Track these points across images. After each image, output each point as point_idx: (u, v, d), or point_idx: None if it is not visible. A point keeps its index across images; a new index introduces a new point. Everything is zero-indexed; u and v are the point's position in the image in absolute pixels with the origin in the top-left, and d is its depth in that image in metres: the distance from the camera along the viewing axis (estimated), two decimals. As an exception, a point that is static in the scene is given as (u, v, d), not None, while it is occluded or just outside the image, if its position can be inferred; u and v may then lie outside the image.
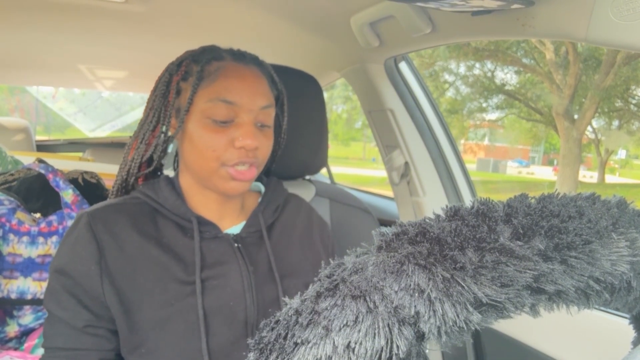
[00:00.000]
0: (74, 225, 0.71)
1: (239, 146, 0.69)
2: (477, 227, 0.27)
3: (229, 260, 0.72)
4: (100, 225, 0.69)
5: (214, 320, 0.68)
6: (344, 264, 0.26)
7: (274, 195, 0.84)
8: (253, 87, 0.71)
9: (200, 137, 0.69)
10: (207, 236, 0.73)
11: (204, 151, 0.69)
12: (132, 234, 0.70)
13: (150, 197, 0.74)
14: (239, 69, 0.72)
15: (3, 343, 1.06)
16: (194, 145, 0.70)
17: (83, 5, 1.19)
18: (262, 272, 0.74)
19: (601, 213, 0.29)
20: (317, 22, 1.18)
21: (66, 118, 3.40)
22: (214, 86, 0.69)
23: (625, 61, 4.35)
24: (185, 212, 0.73)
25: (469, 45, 5.06)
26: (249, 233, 0.77)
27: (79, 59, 1.85)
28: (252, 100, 0.70)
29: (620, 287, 0.30)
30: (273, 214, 0.81)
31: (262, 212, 0.80)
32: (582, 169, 5.87)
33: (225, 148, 0.69)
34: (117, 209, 0.72)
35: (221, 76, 0.70)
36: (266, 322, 0.25)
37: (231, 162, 0.70)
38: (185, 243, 0.71)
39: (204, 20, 1.33)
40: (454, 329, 0.24)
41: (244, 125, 0.70)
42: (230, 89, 0.69)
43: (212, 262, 0.71)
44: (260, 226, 0.78)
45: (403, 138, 1.30)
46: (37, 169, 1.15)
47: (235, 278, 0.71)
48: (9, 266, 1.05)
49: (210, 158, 0.69)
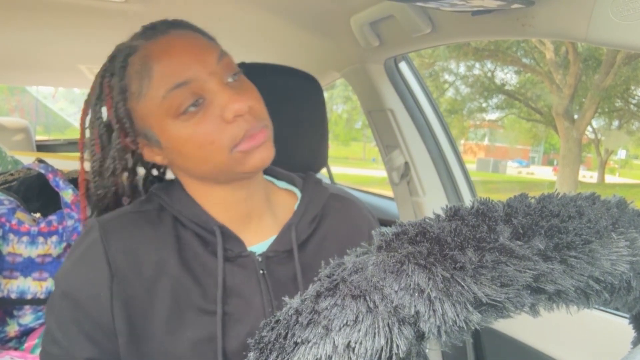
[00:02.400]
0: (84, 237, 0.61)
1: (231, 117, 0.55)
2: (477, 227, 0.27)
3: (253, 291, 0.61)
4: (114, 241, 0.59)
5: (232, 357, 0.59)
6: (344, 264, 0.26)
7: (312, 202, 0.69)
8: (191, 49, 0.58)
9: (188, 140, 0.57)
10: (230, 255, 0.61)
11: (203, 151, 0.57)
12: (151, 250, 0.60)
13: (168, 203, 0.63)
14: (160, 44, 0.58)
15: (3, 343, 1.06)
16: (189, 153, 0.58)
17: (83, 5, 1.19)
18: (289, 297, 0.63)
19: (601, 213, 0.29)
20: (317, 22, 1.18)
21: (66, 118, 3.40)
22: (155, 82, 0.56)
23: (625, 61, 4.35)
24: (207, 220, 0.61)
25: (469, 45, 5.06)
26: (277, 252, 0.64)
27: (79, 59, 1.85)
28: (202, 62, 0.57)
29: (620, 286, 0.30)
30: (310, 226, 0.67)
31: (297, 224, 0.66)
32: (582, 169, 5.87)
33: (220, 130, 0.56)
34: (134, 219, 0.61)
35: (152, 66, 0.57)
36: (266, 321, 0.25)
37: (238, 137, 0.56)
38: (206, 261, 0.61)
39: (204, 20, 1.32)
40: (453, 329, 0.24)
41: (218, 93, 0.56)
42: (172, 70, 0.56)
43: (233, 290, 0.61)
44: (291, 244, 0.64)
45: (403, 138, 1.30)
46: (37, 169, 1.15)
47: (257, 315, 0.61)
48: (9, 266, 1.05)
49: (215, 151, 0.57)
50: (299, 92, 1.00)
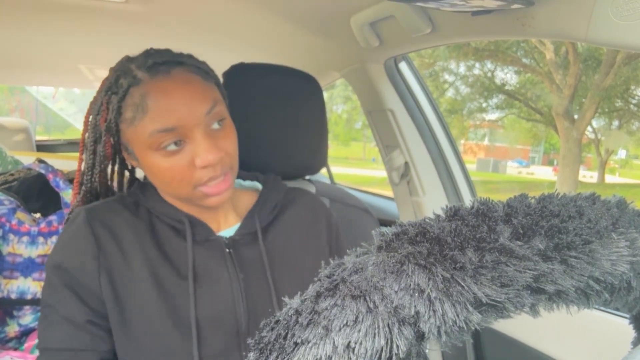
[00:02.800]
0: (71, 221, 0.70)
1: (201, 166, 0.64)
2: (477, 227, 0.27)
3: (219, 266, 0.70)
4: (98, 221, 0.69)
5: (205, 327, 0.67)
6: (344, 264, 0.26)
7: (271, 193, 0.80)
8: (187, 98, 0.63)
9: (160, 170, 0.65)
10: (199, 239, 0.71)
11: (171, 182, 0.66)
12: (129, 232, 0.69)
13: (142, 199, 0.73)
14: (161, 85, 0.64)
15: (3, 343, 1.06)
16: (158, 177, 0.67)
17: (83, 5, 1.19)
18: (256, 278, 0.72)
19: (601, 213, 0.29)
20: (317, 22, 1.18)
21: (66, 118, 3.40)
22: (146, 119, 0.63)
23: (625, 61, 4.35)
24: (175, 212, 0.71)
25: (469, 45, 5.06)
26: (242, 235, 0.74)
27: (79, 59, 1.85)
28: (193, 113, 0.63)
29: (620, 287, 0.30)
30: (271, 213, 0.78)
31: (259, 212, 0.77)
32: (582, 169, 5.87)
33: (190, 171, 0.65)
34: (114, 207, 0.72)
35: (149, 104, 0.63)
36: (266, 322, 0.25)
37: (201, 182, 0.66)
38: (177, 244, 0.70)
39: (204, 20, 1.33)
40: (454, 329, 0.24)
41: (198, 142, 0.63)
42: (164, 114, 0.62)
43: (202, 268, 0.69)
44: (255, 227, 0.75)
45: (403, 138, 1.30)
46: (37, 169, 1.15)
47: (225, 286, 0.69)
48: (9, 266, 1.05)
49: (180, 185, 0.66)
50: (299, 92, 1.00)
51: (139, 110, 0.63)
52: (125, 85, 0.65)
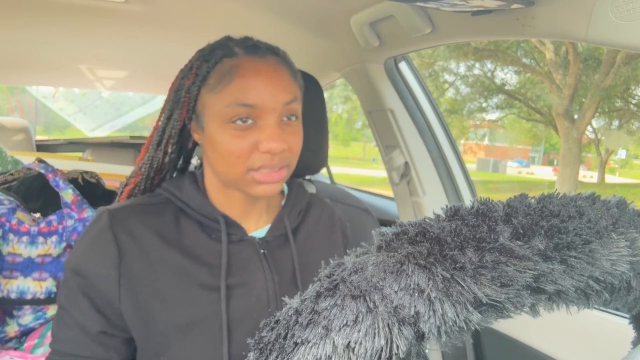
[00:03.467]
0: (94, 223, 0.68)
1: (263, 150, 0.64)
2: (477, 227, 0.27)
3: (255, 267, 0.69)
4: (122, 226, 0.66)
5: (237, 329, 0.65)
6: (344, 264, 0.26)
7: (297, 198, 0.80)
8: (273, 83, 0.65)
9: (223, 143, 0.65)
10: (234, 239, 0.70)
11: (228, 157, 0.65)
12: (154, 238, 0.66)
13: (175, 195, 0.71)
14: (254, 64, 0.65)
15: (3, 343, 1.06)
16: (217, 151, 0.66)
17: (83, 5, 1.19)
18: (286, 280, 0.72)
19: (601, 213, 0.29)
20: (317, 22, 1.18)
21: (66, 118, 3.40)
22: (230, 89, 0.64)
23: (625, 61, 4.35)
24: (212, 211, 0.70)
25: (469, 45, 5.06)
26: (274, 237, 0.73)
27: (79, 59, 1.85)
28: (273, 98, 0.64)
29: (620, 287, 0.29)
30: (297, 217, 0.78)
31: (288, 215, 0.76)
32: (582, 169, 5.87)
33: (250, 152, 0.64)
34: (140, 210, 0.69)
35: (236, 76, 0.64)
36: (266, 321, 0.25)
37: (256, 165, 0.65)
38: (210, 246, 0.68)
39: (204, 20, 1.33)
40: (453, 329, 0.24)
41: (268, 127, 0.64)
42: (248, 89, 0.63)
43: (237, 268, 0.68)
44: (285, 230, 0.75)
45: (403, 138, 1.30)
46: (37, 169, 1.15)
47: (260, 287, 0.68)
48: (9, 266, 1.05)
49: (235, 164, 0.65)
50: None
51: (225, 78, 0.64)
52: (220, 54, 0.67)
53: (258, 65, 0.65)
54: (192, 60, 0.71)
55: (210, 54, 0.68)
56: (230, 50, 0.67)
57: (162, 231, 0.68)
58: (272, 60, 0.68)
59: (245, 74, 0.64)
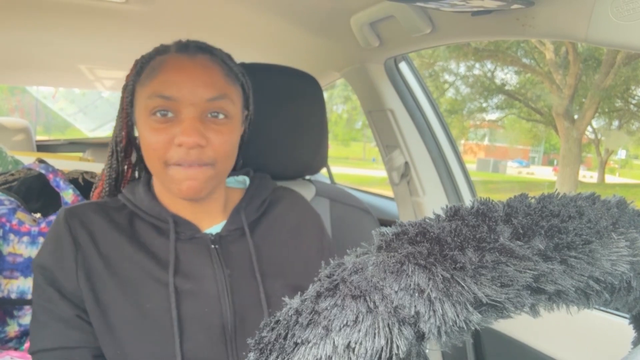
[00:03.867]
0: (55, 222, 0.71)
1: (177, 143, 0.65)
2: (477, 227, 0.27)
3: (204, 262, 0.70)
4: (77, 221, 0.69)
5: (189, 325, 0.66)
6: (344, 264, 0.26)
7: (258, 190, 0.80)
8: (195, 79, 0.66)
9: (144, 136, 0.67)
10: (183, 237, 0.71)
11: (148, 151, 0.67)
12: (108, 232, 0.69)
13: (129, 199, 0.74)
14: (180, 60, 0.67)
15: (3, 343, 1.06)
16: (143, 145, 0.69)
17: (83, 5, 1.19)
18: (243, 274, 0.71)
19: (601, 213, 0.29)
20: (317, 22, 1.18)
21: (66, 118, 3.40)
22: (153, 82, 0.66)
23: (625, 61, 4.35)
24: (160, 211, 0.71)
25: (469, 45, 5.06)
26: (229, 231, 0.73)
27: (79, 59, 1.85)
28: (193, 93, 0.65)
29: (620, 287, 0.29)
30: (257, 210, 0.78)
31: (245, 208, 0.77)
32: (582, 169, 5.87)
33: (167, 146, 0.65)
34: (95, 208, 0.72)
35: (161, 70, 0.67)
36: (266, 322, 0.25)
37: (172, 160, 0.66)
38: (161, 243, 0.70)
39: (204, 20, 1.33)
40: (454, 329, 0.24)
41: (185, 120, 0.65)
42: (169, 82, 0.65)
43: (186, 266, 0.69)
44: (242, 223, 0.75)
45: (403, 138, 1.30)
46: (37, 169, 1.15)
47: (210, 283, 0.69)
48: (9, 266, 1.05)
49: (153, 157, 0.67)
50: (299, 92, 1.00)
51: (152, 74, 0.67)
52: (154, 52, 0.71)
53: (184, 62, 0.68)
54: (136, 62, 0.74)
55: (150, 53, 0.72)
56: (164, 48, 0.71)
57: (117, 227, 0.70)
58: (202, 58, 0.69)
59: (170, 68, 0.67)
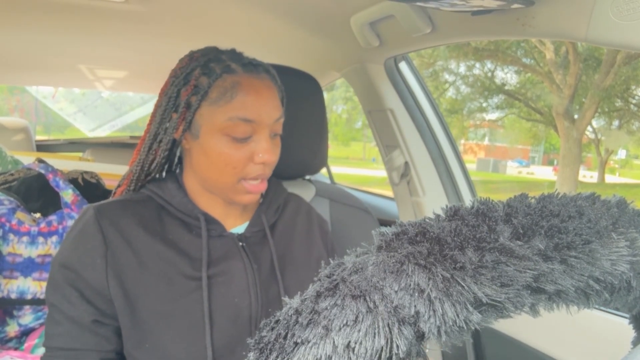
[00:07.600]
0: (79, 219, 0.71)
1: (259, 162, 0.71)
2: (477, 227, 0.27)
3: (234, 257, 0.74)
4: (107, 219, 0.69)
5: (219, 316, 0.68)
6: (344, 264, 0.26)
7: (275, 196, 0.85)
8: (269, 102, 0.72)
9: (220, 154, 0.70)
10: (213, 234, 0.74)
11: (223, 168, 0.70)
12: (138, 229, 0.70)
13: (157, 194, 0.75)
14: (254, 83, 0.71)
15: (3, 343, 1.06)
16: (211, 160, 0.71)
17: (83, 6, 1.19)
18: (266, 270, 0.76)
19: (601, 213, 0.29)
20: (317, 22, 1.18)
21: (66, 118, 3.40)
22: (232, 104, 0.69)
23: (625, 61, 4.35)
24: (193, 209, 0.74)
25: (469, 45, 5.06)
26: (252, 232, 0.78)
27: (79, 59, 1.85)
28: (269, 115, 0.71)
29: (620, 286, 0.29)
30: (275, 214, 0.83)
31: (265, 212, 0.82)
32: (582, 169, 5.87)
33: (245, 164, 0.71)
34: (123, 206, 0.73)
35: (239, 93, 0.69)
36: (266, 321, 0.25)
37: (250, 176, 0.72)
38: (191, 240, 0.72)
39: (204, 20, 1.33)
40: (453, 329, 0.24)
41: (262, 140, 0.71)
42: (249, 107, 0.69)
43: (217, 259, 0.72)
44: (263, 226, 0.79)
45: (403, 138, 1.30)
46: (37, 169, 1.15)
47: (240, 275, 0.72)
48: (9, 266, 1.05)
49: (230, 174, 0.71)
50: (299, 92, 1.00)
51: (226, 95, 0.69)
52: (219, 70, 0.71)
53: (257, 85, 0.71)
54: (184, 68, 0.73)
55: (206, 67, 0.71)
56: (227, 67, 0.72)
57: (146, 223, 0.72)
58: (267, 80, 0.74)
59: (247, 92, 0.70)
